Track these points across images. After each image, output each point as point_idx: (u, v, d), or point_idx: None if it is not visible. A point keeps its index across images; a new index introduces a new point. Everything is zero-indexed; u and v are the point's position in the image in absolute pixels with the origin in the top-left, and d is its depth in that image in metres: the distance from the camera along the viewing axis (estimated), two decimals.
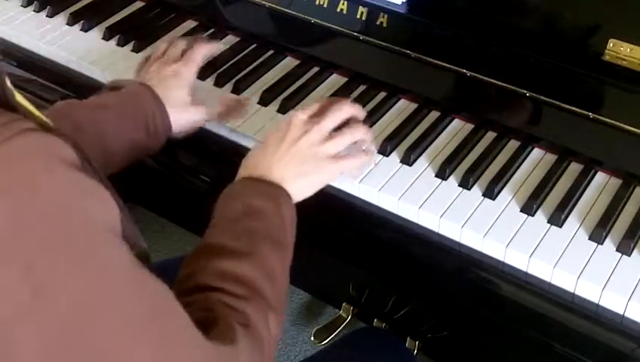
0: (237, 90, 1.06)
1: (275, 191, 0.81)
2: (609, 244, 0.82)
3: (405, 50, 1.01)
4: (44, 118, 0.58)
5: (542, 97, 0.92)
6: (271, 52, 1.13)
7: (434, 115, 1.00)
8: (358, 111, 0.91)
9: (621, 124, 0.87)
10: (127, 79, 0.98)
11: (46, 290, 0.48)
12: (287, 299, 0.77)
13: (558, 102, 0.91)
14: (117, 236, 0.54)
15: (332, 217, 0.94)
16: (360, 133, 0.89)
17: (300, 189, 0.83)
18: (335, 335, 1.38)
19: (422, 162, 0.93)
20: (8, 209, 0.48)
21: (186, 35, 1.17)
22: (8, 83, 0.55)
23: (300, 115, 0.86)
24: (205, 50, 1.02)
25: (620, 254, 0.81)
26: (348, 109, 0.89)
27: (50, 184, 0.50)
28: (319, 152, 0.85)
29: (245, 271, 0.71)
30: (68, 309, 0.49)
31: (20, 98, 0.56)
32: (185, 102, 0.96)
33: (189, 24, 1.21)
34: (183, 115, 0.96)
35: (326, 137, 0.86)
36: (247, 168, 0.84)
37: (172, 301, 0.57)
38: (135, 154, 0.93)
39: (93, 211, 0.53)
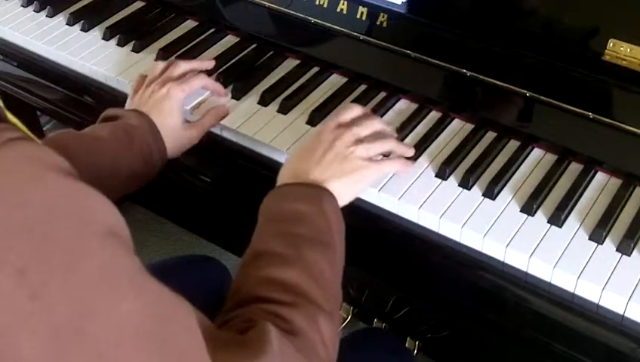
0: (237, 90, 1.06)
1: (317, 192, 0.80)
2: (609, 244, 0.82)
3: (405, 50, 1.01)
4: (33, 136, 0.58)
5: (542, 97, 0.92)
6: (271, 52, 1.13)
7: (434, 115, 1.00)
8: (385, 127, 0.91)
9: (621, 124, 0.87)
10: (122, 109, 0.97)
11: (43, 295, 0.48)
12: (340, 301, 0.75)
13: (558, 103, 0.91)
14: (118, 238, 0.53)
15: None
16: (391, 144, 0.89)
17: (343, 189, 0.82)
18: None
19: (422, 162, 0.93)
20: (1, 215, 0.48)
21: (186, 35, 1.17)
22: (0, 102, 0.55)
23: (330, 123, 0.87)
24: (208, 83, 1.02)
25: (620, 254, 0.81)
26: (377, 122, 0.90)
27: (40, 190, 0.50)
28: (356, 152, 0.84)
29: (290, 277, 0.70)
30: (66, 314, 0.49)
31: (11, 117, 0.56)
32: (179, 127, 0.96)
33: (189, 24, 1.21)
34: (178, 139, 0.95)
35: (359, 140, 0.85)
36: (287, 175, 0.83)
37: (180, 311, 0.56)
38: (131, 182, 0.92)
39: (87, 214, 0.52)
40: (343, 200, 0.83)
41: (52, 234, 0.49)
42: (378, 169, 0.86)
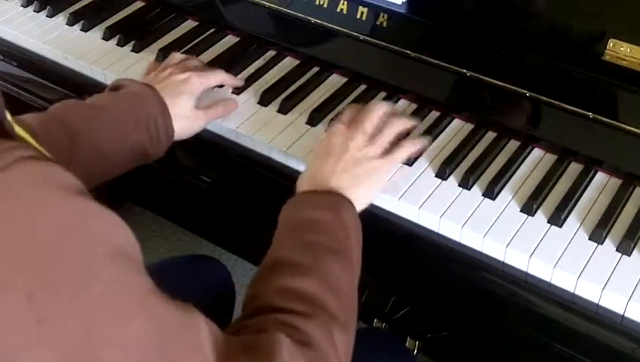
0: (237, 90, 1.06)
1: (335, 200, 0.79)
2: (609, 244, 0.82)
3: (405, 50, 1.01)
4: (42, 150, 0.57)
5: (542, 97, 0.92)
6: (271, 52, 1.13)
7: (434, 115, 1.00)
8: (388, 108, 0.90)
9: (621, 124, 0.87)
10: (130, 79, 0.97)
11: (50, 319, 0.47)
12: (356, 311, 0.74)
13: (558, 102, 0.91)
14: (126, 257, 0.53)
15: None
16: (399, 125, 0.89)
17: (361, 194, 0.82)
18: None
19: (422, 162, 0.93)
20: (5, 240, 0.47)
21: (186, 35, 1.17)
22: (8, 116, 0.54)
23: (338, 125, 0.87)
24: (225, 77, 1.01)
25: (620, 254, 0.81)
26: (379, 108, 0.89)
27: (46, 214, 0.49)
28: (369, 154, 0.84)
29: (307, 287, 0.69)
30: (73, 337, 0.48)
31: (19, 130, 0.56)
32: (190, 111, 0.94)
33: (189, 24, 1.21)
34: (187, 123, 0.94)
35: (370, 138, 0.86)
36: (305, 183, 0.83)
37: (189, 330, 0.56)
38: (136, 157, 0.91)
39: (96, 234, 0.51)
40: (362, 204, 0.83)
41: (58, 257, 0.49)
42: (392, 162, 0.87)
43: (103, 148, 0.87)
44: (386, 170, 0.86)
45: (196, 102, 0.96)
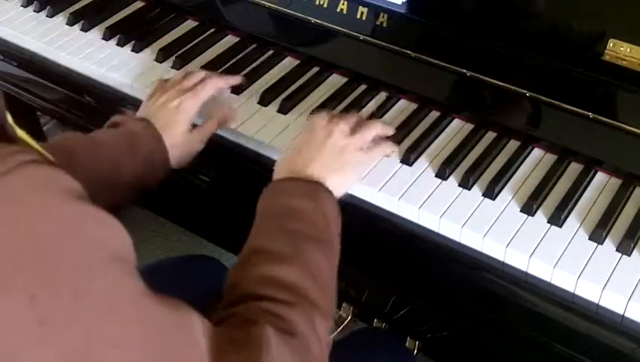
0: (237, 90, 1.06)
1: (314, 188, 0.80)
2: (609, 244, 0.82)
3: (405, 50, 1.01)
4: (44, 152, 0.57)
5: (542, 97, 0.92)
6: (271, 52, 1.13)
7: (434, 114, 1.00)
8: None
9: (621, 124, 0.87)
10: (127, 116, 0.95)
11: (51, 320, 0.48)
12: (335, 298, 0.75)
13: (558, 103, 0.91)
14: (123, 262, 0.54)
15: None
16: (378, 126, 0.91)
17: (340, 183, 0.83)
18: (335, 335, 1.38)
19: (422, 162, 0.93)
20: (8, 242, 0.48)
21: (186, 35, 1.17)
22: (10, 119, 0.55)
23: (320, 118, 0.88)
24: (219, 83, 1.00)
25: (620, 254, 0.81)
26: (358, 115, 0.92)
27: (48, 218, 0.50)
28: (350, 145, 0.86)
29: (289, 275, 0.70)
30: (74, 339, 0.49)
31: (21, 133, 0.56)
32: (184, 136, 0.93)
33: (189, 24, 1.21)
34: (183, 151, 0.94)
35: (352, 130, 0.87)
36: (283, 170, 0.83)
37: (183, 329, 0.56)
38: (134, 191, 0.91)
39: (96, 238, 0.52)
40: (339, 192, 0.83)
41: (59, 258, 0.49)
42: (369, 158, 0.89)
43: (100, 181, 0.86)
44: (365, 164, 0.88)
45: (195, 118, 0.95)
